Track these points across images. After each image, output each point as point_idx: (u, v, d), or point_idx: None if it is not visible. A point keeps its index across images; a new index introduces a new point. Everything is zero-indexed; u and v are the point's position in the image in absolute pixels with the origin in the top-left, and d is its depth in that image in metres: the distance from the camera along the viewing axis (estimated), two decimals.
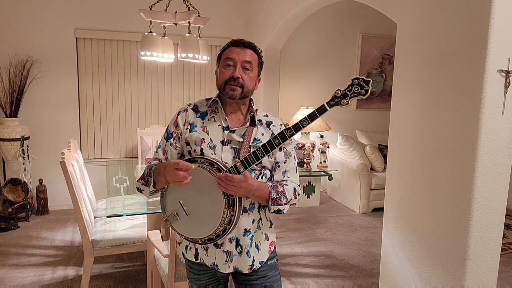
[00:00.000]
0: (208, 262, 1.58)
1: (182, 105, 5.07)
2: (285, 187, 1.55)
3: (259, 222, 1.59)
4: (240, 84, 1.53)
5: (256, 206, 1.57)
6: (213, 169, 1.45)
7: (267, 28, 4.55)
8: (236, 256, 1.56)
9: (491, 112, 1.97)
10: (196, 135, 1.55)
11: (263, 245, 1.61)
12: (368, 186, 4.89)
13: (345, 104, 1.39)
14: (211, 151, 1.53)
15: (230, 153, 1.53)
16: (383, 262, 2.70)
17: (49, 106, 4.52)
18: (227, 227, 1.46)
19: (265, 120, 1.61)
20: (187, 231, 1.53)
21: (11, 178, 4.42)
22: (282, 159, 1.59)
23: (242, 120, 1.60)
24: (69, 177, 2.60)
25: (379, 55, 5.83)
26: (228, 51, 1.58)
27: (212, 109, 1.61)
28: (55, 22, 4.43)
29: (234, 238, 1.54)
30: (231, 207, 1.45)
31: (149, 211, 2.77)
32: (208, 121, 1.58)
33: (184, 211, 1.51)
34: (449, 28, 2.14)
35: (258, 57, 1.61)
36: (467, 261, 2.07)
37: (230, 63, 1.55)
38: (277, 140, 1.41)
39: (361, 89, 1.37)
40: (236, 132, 1.55)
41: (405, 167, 2.49)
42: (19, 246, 3.67)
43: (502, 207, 2.10)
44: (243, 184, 1.40)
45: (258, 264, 1.59)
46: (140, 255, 3.46)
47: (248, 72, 1.55)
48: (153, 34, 3.17)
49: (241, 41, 1.58)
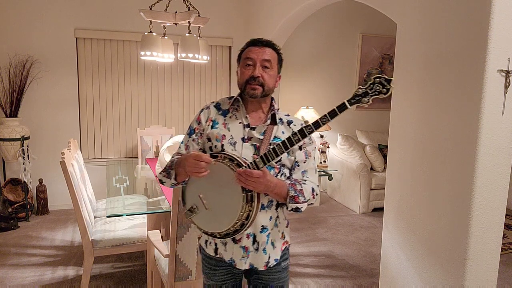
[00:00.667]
0: (226, 257, 1.62)
1: (182, 105, 5.08)
2: (303, 186, 1.56)
3: (276, 219, 1.62)
4: (260, 83, 1.56)
5: (274, 203, 1.59)
6: (233, 165, 1.47)
7: (267, 28, 4.55)
8: (253, 253, 1.59)
9: (491, 112, 1.97)
10: (218, 132, 1.60)
11: (278, 243, 1.63)
12: (368, 186, 4.89)
13: (366, 102, 1.38)
14: (232, 147, 1.56)
15: (250, 150, 1.56)
16: (383, 262, 2.70)
17: (49, 106, 4.52)
18: (245, 222, 1.48)
19: (286, 119, 1.64)
20: (205, 225, 1.56)
21: (11, 178, 4.42)
22: (302, 159, 1.61)
23: (263, 118, 1.63)
24: (69, 177, 2.60)
25: (379, 55, 5.82)
26: (247, 51, 1.61)
27: (234, 107, 1.64)
28: (55, 22, 4.43)
29: (251, 234, 1.57)
30: (250, 203, 1.47)
31: (149, 211, 2.77)
32: (230, 118, 1.62)
33: (203, 205, 1.54)
34: (449, 28, 2.14)
35: (277, 54, 1.63)
36: (467, 261, 2.07)
37: (249, 62, 1.58)
38: (296, 137, 1.42)
39: (383, 88, 1.36)
40: (257, 130, 1.58)
41: (405, 167, 2.49)
42: (19, 246, 3.67)
43: (502, 207, 2.10)
44: (262, 179, 1.42)
45: (273, 261, 1.62)
46: (140, 255, 3.46)
47: (268, 71, 1.58)
48: (153, 34, 3.17)
49: (259, 40, 1.61)
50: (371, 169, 5.09)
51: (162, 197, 2.95)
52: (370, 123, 5.92)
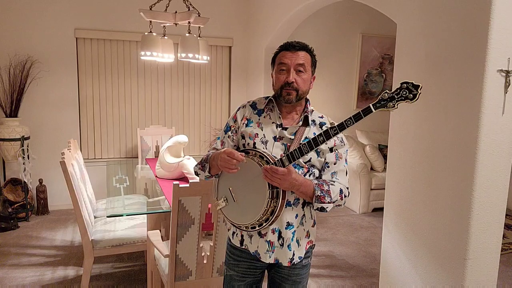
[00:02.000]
0: (251, 249, 1.66)
1: (182, 105, 5.08)
2: (330, 187, 1.58)
3: (302, 218, 1.64)
4: (294, 88, 1.60)
5: (300, 201, 1.62)
6: (262, 161, 1.53)
7: (267, 28, 4.56)
8: (278, 248, 1.62)
9: (491, 112, 1.97)
10: (251, 130, 1.66)
11: (303, 241, 1.66)
12: (368, 186, 4.89)
13: (392, 107, 1.37)
14: (263, 145, 1.62)
15: (281, 149, 1.60)
16: (383, 262, 2.70)
17: (49, 106, 4.52)
18: (270, 217, 1.53)
19: (319, 121, 1.67)
20: (233, 216, 1.63)
21: (11, 178, 4.42)
22: (332, 160, 1.63)
23: (297, 119, 1.67)
24: (69, 177, 2.60)
25: (379, 55, 5.82)
26: (280, 55, 1.63)
27: (269, 107, 1.69)
28: (55, 22, 4.43)
29: (277, 229, 1.60)
30: (275, 199, 1.52)
31: (149, 211, 2.77)
32: (264, 118, 1.68)
33: (232, 197, 1.62)
34: (449, 28, 2.13)
35: (311, 56, 1.65)
36: (467, 261, 2.07)
37: (283, 68, 1.61)
38: (321, 138, 1.45)
39: (409, 93, 1.35)
40: (288, 130, 1.63)
41: (405, 167, 2.49)
42: (19, 246, 3.67)
43: (502, 207, 2.10)
44: (287, 177, 1.46)
45: (297, 259, 1.65)
46: (140, 255, 3.46)
47: (301, 75, 1.61)
48: (153, 34, 3.17)
49: (292, 45, 1.62)
50: (371, 169, 5.09)
51: (162, 197, 2.95)
52: (370, 123, 5.91)
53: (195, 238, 2.19)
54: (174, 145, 3.42)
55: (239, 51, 5.20)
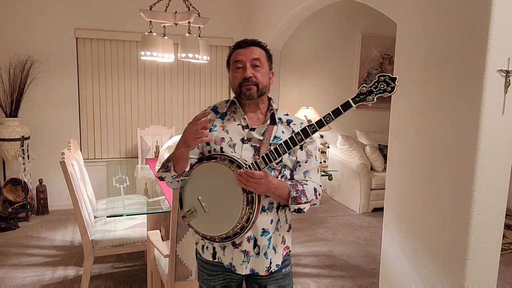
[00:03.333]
0: (225, 262, 1.57)
1: (182, 105, 5.08)
2: (305, 187, 1.54)
3: (277, 223, 1.58)
4: (254, 82, 1.54)
5: (275, 206, 1.56)
6: (233, 166, 1.44)
7: (267, 28, 4.56)
8: (253, 257, 1.55)
9: (491, 112, 1.97)
10: (216, 135, 1.57)
11: (279, 248, 1.59)
12: (368, 186, 4.89)
13: (371, 101, 1.36)
14: (231, 149, 1.54)
15: (250, 151, 1.53)
16: (383, 262, 2.70)
17: (49, 106, 4.52)
18: (245, 224, 1.45)
19: (286, 119, 1.62)
20: (204, 228, 1.52)
21: (11, 178, 4.42)
22: (304, 159, 1.58)
23: (262, 119, 1.61)
24: (69, 177, 2.60)
25: (379, 55, 5.82)
26: (234, 54, 1.59)
27: (231, 109, 1.63)
28: (55, 22, 4.43)
29: (252, 237, 1.53)
30: (250, 205, 1.44)
31: (149, 211, 2.77)
32: (228, 120, 1.60)
33: (203, 207, 1.50)
34: (449, 28, 2.14)
35: (265, 51, 1.61)
36: (467, 261, 2.07)
37: (239, 65, 1.56)
38: (299, 137, 1.40)
39: (387, 86, 1.35)
40: (256, 130, 1.56)
41: (405, 167, 2.49)
42: (19, 246, 3.67)
43: (502, 207, 2.10)
44: (264, 180, 1.39)
45: (275, 266, 1.58)
46: (140, 255, 3.46)
47: (259, 69, 1.56)
48: (153, 34, 3.17)
49: (244, 41, 1.59)
50: (371, 169, 5.09)
51: (162, 197, 2.95)
52: (370, 123, 5.92)
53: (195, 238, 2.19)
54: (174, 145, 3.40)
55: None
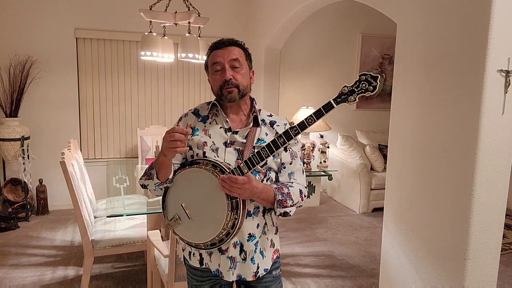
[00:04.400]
0: (212, 268, 1.54)
1: (182, 105, 5.08)
2: (290, 189, 1.50)
3: (264, 227, 1.55)
4: (234, 84, 1.50)
5: (260, 210, 1.52)
6: (216, 171, 1.41)
7: (267, 28, 4.56)
8: (240, 263, 1.51)
9: (491, 112, 1.97)
10: (198, 139, 1.52)
11: (268, 252, 1.56)
12: (368, 186, 4.89)
13: (353, 101, 1.34)
14: (214, 153, 1.49)
15: (234, 155, 1.49)
16: (383, 262, 2.70)
17: (49, 106, 4.52)
18: (231, 231, 1.42)
19: (269, 120, 1.58)
20: (189, 236, 1.48)
21: (11, 178, 4.42)
22: (288, 160, 1.54)
23: (245, 121, 1.57)
24: (69, 177, 2.60)
25: (379, 55, 5.82)
26: (212, 56, 1.54)
27: (213, 112, 1.58)
28: (55, 22, 4.43)
29: (238, 243, 1.50)
30: (235, 210, 1.40)
31: (149, 211, 2.77)
32: (210, 124, 1.55)
33: (187, 214, 1.47)
34: (449, 28, 2.13)
35: (244, 50, 1.57)
36: (467, 261, 2.07)
37: (217, 67, 1.52)
38: (281, 139, 1.36)
39: (369, 85, 1.32)
40: (239, 133, 1.51)
41: (405, 167, 2.49)
42: (19, 246, 3.67)
43: (502, 207, 2.10)
44: (247, 185, 1.36)
45: (262, 271, 1.55)
46: (140, 255, 3.46)
47: (238, 70, 1.52)
48: (153, 34, 3.17)
49: (221, 41, 1.54)
50: (371, 169, 5.09)
51: None
52: (370, 123, 5.92)
53: None
54: None
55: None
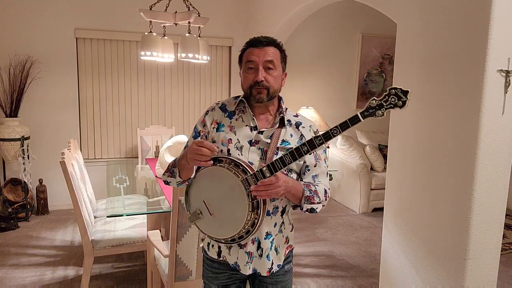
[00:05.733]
0: (230, 261, 1.57)
1: (182, 105, 5.08)
2: (317, 188, 1.53)
3: (281, 225, 1.58)
4: (265, 86, 1.49)
5: (279, 210, 1.55)
6: (238, 171, 1.43)
7: (267, 28, 4.55)
8: (256, 258, 1.55)
9: (491, 112, 1.97)
10: (224, 135, 1.53)
11: (282, 248, 1.60)
12: (368, 186, 4.89)
13: (380, 115, 1.29)
14: (238, 151, 1.51)
15: (257, 154, 1.50)
16: (383, 262, 2.70)
17: (49, 106, 4.52)
18: (251, 229, 1.45)
19: (295, 121, 1.58)
20: (210, 230, 1.52)
21: (11, 178, 4.42)
22: (312, 163, 1.56)
23: (271, 121, 1.57)
24: (69, 177, 2.60)
25: (379, 55, 5.82)
26: (247, 53, 1.53)
27: (240, 108, 1.58)
28: (55, 22, 4.42)
29: (256, 239, 1.54)
30: (255, 210, 1.43)
31: (149, 211, 2.77)
32: (236, 121, 1.56)
33: (208, 210, 1.50)
34: (449, 28, 2.14)
35: (280, 52, 1.55)
36: (467, 261, 2.07)
37: (251, 65, 1.51)
38: (305, 148, 1.36)
39: (398, 100, 1.26)
40: (265, 133, 1.52)
41: (405, 167, 2.49)
42: (19, 246, 3.67)
43: (502, 207, 2.10)
44: (280, 182, 1.38)
45: (276, 267, 1.59)
46: (140, 255, 3.46)
47: (271, 72, 1.51)
48: (153, 34, 3.17)
49: (259, 40, 1.52)
50: (371, 169, 5.09)
51: (162, 197, 2.95)
52: (370, 123, 5.91)
53: (195, 238, 2.19)
54: (174, 145, 3.41)
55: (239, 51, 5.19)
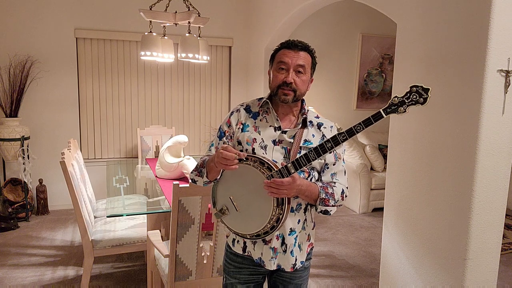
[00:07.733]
0: (255, 256, 1.62)
1: (182, 105, 5.08)
2: (334, 189, 1.57)
3: (304, 222, 1.62)
4: (293, 88, 1.55)
5: (302, 207, 1.60)
6: (263, 168, 1.48)
7: (267, 28, 4.56)
8: (280, 254, 1.59)
9: (491, 112, 1.97)
10: (248, 135, 1.60)
11: (304, 245, 1.64)
12: (368, 186, 4.89)
13: (402, 112, 1.34)
14: (262, 150, 1.56)
15: (281, 153, 1.56)
16: (383, 262, 2.70)
17: (49, 106, 4.52)
18: (275, 224, 1.50)
19: (316, 122, 1.64)
20: (236, 226, 1.58)
21: (11, 178, 4.42)
22: (332, 161, 1.61)
23: (294, 121, 1.63)
24: (69, 177, 2.60)
25: (379, 55, 5.82)
26: (281, 53, 1.58)
27: (264, 109, 1.64)
28: (55, 22, 4.43)
29: (280, 235, 1.58)
30: (280, 206, 1.48)
31: (149, 211, 2.77)
32: (260, 121, 1.62)
33: (234, 206, 1.56)
34: (449, 28, 2.14)
35: (312, 58, 1.61)
36: (467, 261, 2.07)
37: (283, 66, 1.55)
38: (329, 144, 1.40)
39: (419, 97, 1.32)
40: (288, 133, 1.58)
41: (405, 167, 2.49)
42: (19, 246, 3.67)
43: (502, 207, 2.10)
44: (293, 185, 1.43)
45: (299, 264, 1.63)
46: (140, 255, 3.46)
47: (301, 76, 1.57)
48: (153, 34, 3.17)
49: (294, 44, 1.57)
50: (371, 169, 5.09)
51: (162, 197, 2.95)
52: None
53: (195, 238, 2.19)
54: (174, 145, 3.42)
55: (239, 51, 5.20)
